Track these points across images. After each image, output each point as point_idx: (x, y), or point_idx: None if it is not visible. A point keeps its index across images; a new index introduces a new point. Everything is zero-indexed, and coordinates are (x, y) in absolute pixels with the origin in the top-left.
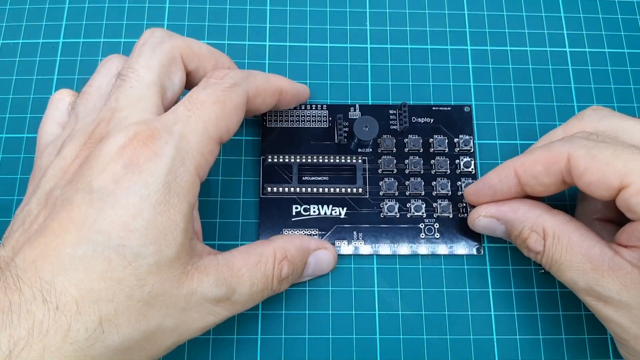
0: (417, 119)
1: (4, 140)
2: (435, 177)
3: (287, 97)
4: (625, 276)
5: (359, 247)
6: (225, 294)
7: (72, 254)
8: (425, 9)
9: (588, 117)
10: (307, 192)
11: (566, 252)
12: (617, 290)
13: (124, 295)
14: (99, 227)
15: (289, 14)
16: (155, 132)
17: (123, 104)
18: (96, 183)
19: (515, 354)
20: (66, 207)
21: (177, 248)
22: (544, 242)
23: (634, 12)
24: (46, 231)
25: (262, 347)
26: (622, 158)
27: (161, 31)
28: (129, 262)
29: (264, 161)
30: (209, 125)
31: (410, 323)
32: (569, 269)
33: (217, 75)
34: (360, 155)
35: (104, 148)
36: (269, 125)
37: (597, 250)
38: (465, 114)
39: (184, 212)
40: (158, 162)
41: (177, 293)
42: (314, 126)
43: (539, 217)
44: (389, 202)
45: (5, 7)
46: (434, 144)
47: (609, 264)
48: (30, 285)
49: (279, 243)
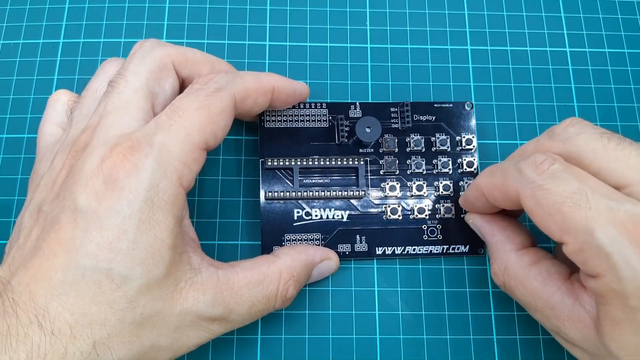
0: (418, 117)
1: (5, 141)
2: (437, 177)
3: (281, 95)
4: (584, 329)
5: (361, 250)
6: (222, 314)
7: (63, 279)
8: (425, 9)
9: (557, 136)
10: (309, 196)
11: (527, 297)
12: (579, 340)
13: (116, 318)
14: (85, 250)
15: (289, 13)
16: (135, 144)
17: (109, 110)
18: (80, 201)
19: (515, 354)
20: (54, 227)
21: (165, 266)
22: (503, 278)
23: (634, 12)
24: (37, 253)
25: (262, 347)
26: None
27: (152, 41)
28: (118, 286)
29: (263, 164)
30: (191, 132)
31: (410, 323)
32: (535, 312)
33: (201, 80)
34: (362, 157)
35: (87, 161)
36: (267, 126)
37: (557, 298)
38: (467, 111)
39: (170, 227)
40: (138, 177)
41: (170, 312)
42: (314, 126)
43: (506, 255)
44: (392, 204)
45: (5, 8)
46: (436, 142)
47: (568, 314)
48: (25, 310)
49: (286, 262)
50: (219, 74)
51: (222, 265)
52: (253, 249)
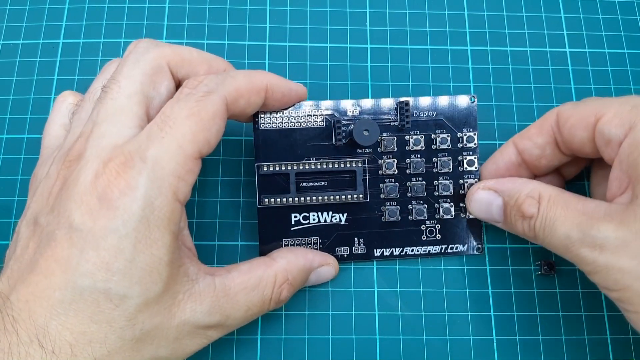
0: (419, 113)
1: (5, 141)
2: (437, 177)
3: (276, 94)
4: (622, 213)
5: (359, 252)
6: (219, 321)
7: (62, 299)
8: (425, 9)
9: None
10: (306, 201)
11: (562, 210)
12: (614, 228)
13: (115, 336)
14: (82, 270)
15: (289, 14)
16: (128, 160)
17: (102, 117)
18: (75, 218)
19: (515, 354)
20: (50, 244)
21: (163, 283)
22: (538, 205)
23: (634, 12)
24: (35, 269)
25: (262, 347)
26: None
27: (146, 41)
28: (116, 305)
29: (259, 169)
30: (183, 143)
31: (410, 323)
32: (563, 224)
33: (190, 84)
34: (360, 159)
35: (80, 176)
36: (262, 128)
37: (592, 205)
38: (470, 104)
39: (167, 244)
40: (133, 196)
41: (168, 325)
42: (310, 126)
43: (535, 186)
44: (390, 206)
45: (5, 8)
46: (437, 140)
47: (605, 211)
48: (25, 329)
49: (282, 265)
50: (209, 75)
51: (219, 272)
52: (253, 250)
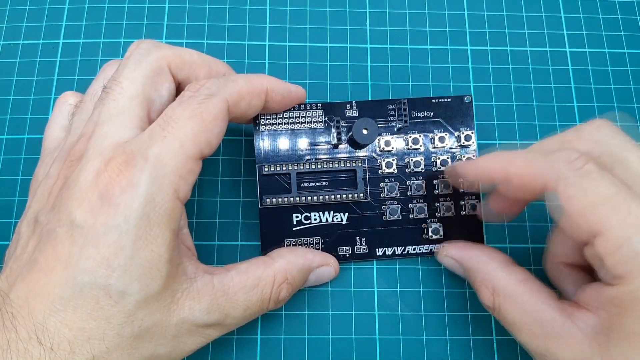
0: (416, 113)
1: (5, 142)
2: (437, 175)
3: (276, 97)
4: (576, 346)
5: (361, 252)
6: (218, 320)
7: (61, 295)
8: (425, 9)
9: (587, 135)
10: (307, 201)
11: (517, 315)
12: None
13: (114, 333)
14: (83, 266)
15: (289, 14)
16: (130, 158)
17: (104, 118)
18: (76, 216)
19: (515, 354)
20: (51, 242)
21: (163, 280)
22: (492, 298)
23: (634, 12)
24: (35, 267)
25: (262, 347)
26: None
27: (148, 42)
28: (116, 301)
29: (260, 170)
30: (185, 143)
31: (410, 323)
32: (521, 332)
33: (192, 87)
34: (360, 157)
35: (81, 174)
36: (262, 129)
37: (548, 315)
38: (466, 104)
39: (167, 242)
40: (134, 193)
41: (167, 322)
42: (310, 127)
43: (493, 273)
44: (391, 204)
45: (5, 8)
46: (435, 140)
47: (559, 332)
48: (24, 325)
49: (281, 265)
50: (211, 79)
51: (217, 271)
52: (253, 249)
